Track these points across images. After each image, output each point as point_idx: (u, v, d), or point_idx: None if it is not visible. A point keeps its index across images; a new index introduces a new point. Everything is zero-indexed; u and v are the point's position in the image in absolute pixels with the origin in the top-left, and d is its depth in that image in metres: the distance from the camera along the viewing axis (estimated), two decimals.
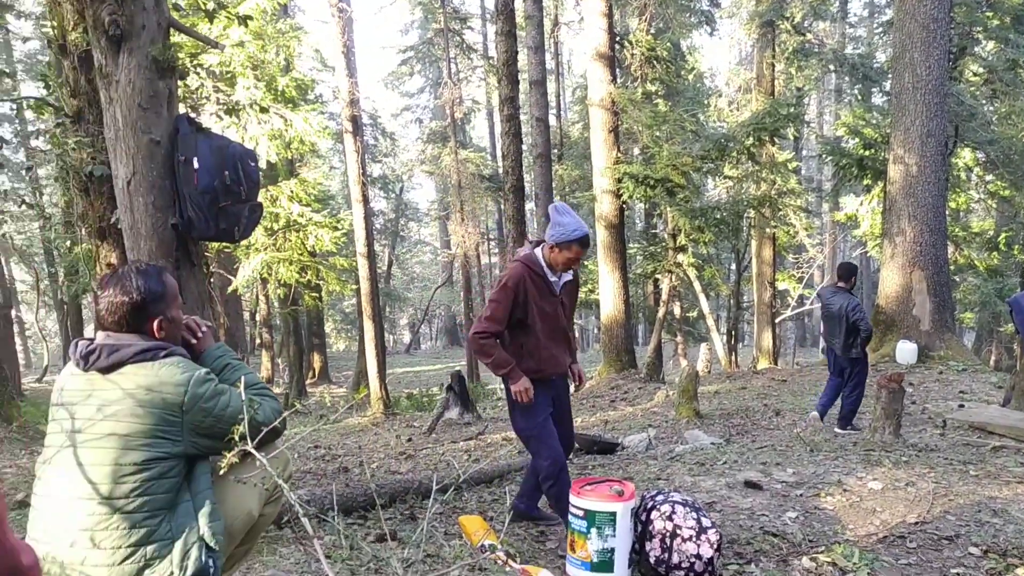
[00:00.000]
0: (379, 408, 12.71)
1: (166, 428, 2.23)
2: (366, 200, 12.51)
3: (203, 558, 2.23)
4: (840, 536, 4.27)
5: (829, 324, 7.63)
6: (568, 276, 4.16)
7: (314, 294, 16.32)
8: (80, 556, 2.11)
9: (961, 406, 8.15)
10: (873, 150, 15.92)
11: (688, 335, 22.59)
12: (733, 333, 20.13)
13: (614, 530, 3.63)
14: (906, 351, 11.45)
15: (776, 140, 16.32)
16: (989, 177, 18.24)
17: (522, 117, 14.28)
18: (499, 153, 23.90)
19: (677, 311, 21.27)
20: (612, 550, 3.63)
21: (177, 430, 2.24)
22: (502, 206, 22.70)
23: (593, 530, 3.64)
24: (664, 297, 15.46)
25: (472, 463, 6.52)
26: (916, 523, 4.33)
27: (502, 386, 4.78)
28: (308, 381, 23.30)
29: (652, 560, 3.74)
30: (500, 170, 19.48)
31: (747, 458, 6.26)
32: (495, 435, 8.75)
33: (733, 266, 22.73)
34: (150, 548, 2.17)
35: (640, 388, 13.25)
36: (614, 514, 3.63)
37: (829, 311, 7.57)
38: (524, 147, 16.46)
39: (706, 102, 19.26)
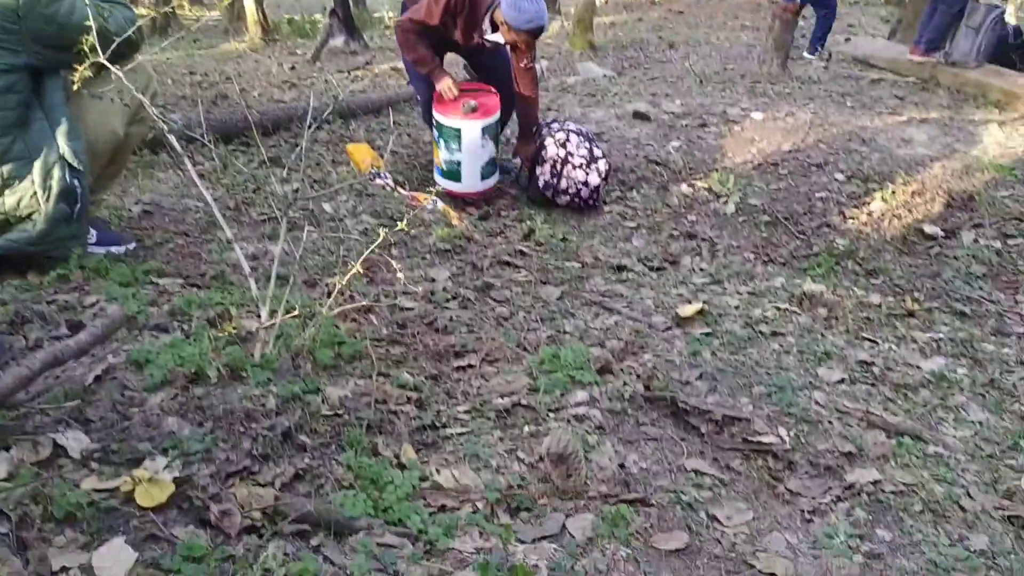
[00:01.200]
0: (257, 33, 11.81)
1: (3, 36, 1.99)
2: None
3: (67, 178, 2.10)
4: (719, 164, 4.46)
5: None
6: (500, 38, 3.68)
7: None
8: None
9: (848, 39, 8.26)
10: None
11: None
12: None
13: (459, 145, 3.74)
14: None
15: None
16: None
17: None
18: None
19: None
20: (459, 163, 3.79)
21: (16, 39, 2.01)
22: None
23: (441, 142, 3.81)
24: None
25: (360, 93, 6.30)
26: (790, 151, 4.54)
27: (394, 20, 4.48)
28: (176, 2, 21.36)
29: (541, 183, 3.85)
30: None
31: (638, 90, 6.27)
32: (383, 65, 8.40)
33: None
34: (6, 168, 2.04)
35: None
36: (459, 131, 3.72)
37: None
38: None
39: None
